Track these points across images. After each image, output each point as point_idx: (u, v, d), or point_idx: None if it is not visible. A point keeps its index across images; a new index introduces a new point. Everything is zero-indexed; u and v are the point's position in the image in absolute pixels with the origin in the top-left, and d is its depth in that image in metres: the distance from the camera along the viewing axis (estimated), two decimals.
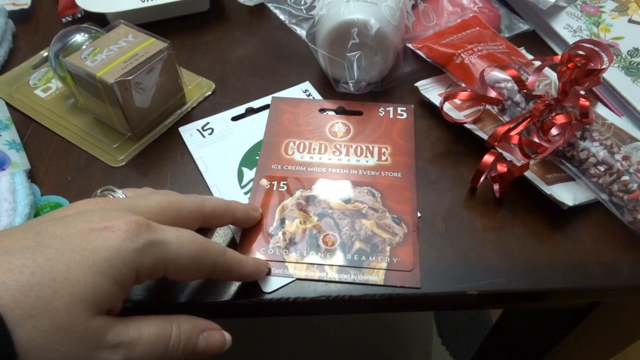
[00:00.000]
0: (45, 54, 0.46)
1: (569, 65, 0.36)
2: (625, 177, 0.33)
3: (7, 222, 0.32)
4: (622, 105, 0.42)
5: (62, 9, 0.50)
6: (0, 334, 0.19)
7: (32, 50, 0.47)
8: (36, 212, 0.34)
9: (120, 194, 0.28)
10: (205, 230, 0.33)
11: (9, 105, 0.42)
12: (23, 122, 0.41)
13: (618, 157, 0.34)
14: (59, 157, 0.39)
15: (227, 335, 0.27)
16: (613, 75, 0.43)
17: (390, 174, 0.37)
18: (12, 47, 0.47)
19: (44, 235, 0.22)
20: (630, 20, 0.48)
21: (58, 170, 0.38)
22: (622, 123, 0.39)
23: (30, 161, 0.37)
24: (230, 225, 0.34)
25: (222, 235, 0.34)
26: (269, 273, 0.32)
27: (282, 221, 0.34)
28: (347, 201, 0.35)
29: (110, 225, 0.23)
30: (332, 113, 0.42)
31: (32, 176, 0.37)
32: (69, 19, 0.50)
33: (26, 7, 0.51)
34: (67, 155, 0.39)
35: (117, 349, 0.22)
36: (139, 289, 0.31)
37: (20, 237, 0.22)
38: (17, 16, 0.50)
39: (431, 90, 0.42)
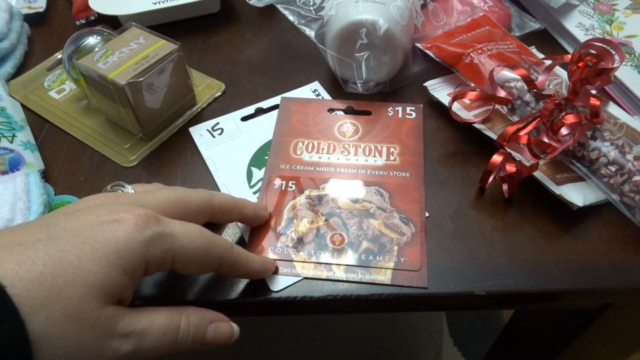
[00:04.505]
0: (60, 56, 0.47)
1: (579, 64, 0.35)
2: (637, 178, 0.33)
3: (21, 220, 0.32)
4: (635, 104, 0.41)
5: (76, 12, 0.51)
6: (14, 323, 0.20)
7: (47, 52, 0.48)
8: (49, 211, 0.35)
9: (129, 189, 0.29)
10: (215, 227, 0.34)
11: (24, 106, 0.43)
12: (38, 123, 0.42)
13: (629, 157, 0.34)
14: (72, 157, 0.39)
15: (235, 327, 0.28)
16: (626, 74, 0.42)
17: (399, 174, 0.37)
18: (28, 49, 0.48)
19: (55, 228, 0.23)
20: None
21: (71, 170, 0.38)
22: (635, 122, 0.38)
23: (45, 161, 0.38)
24: (239, 224, 0.35)
25: (230, 235, 0.34)
26: (276, 271, 0.32)
27: (291, 220, 0.34)
28: (355, 201, 0.35)
29: (120, 218, 0.24)
30: (341, 113, 0.42)
31: (46, 176, 0.38)
32: (83, 21, 0.51)
33: (41, 10, 0.52)
34: (80, 156, 0.39)
35: (128, 338, 0.23)
36: (148, 285, 0.31)
37: (33, 230, 0.23)
38: (33, 19, 0.51)
39: (440, 90, 0.42)
